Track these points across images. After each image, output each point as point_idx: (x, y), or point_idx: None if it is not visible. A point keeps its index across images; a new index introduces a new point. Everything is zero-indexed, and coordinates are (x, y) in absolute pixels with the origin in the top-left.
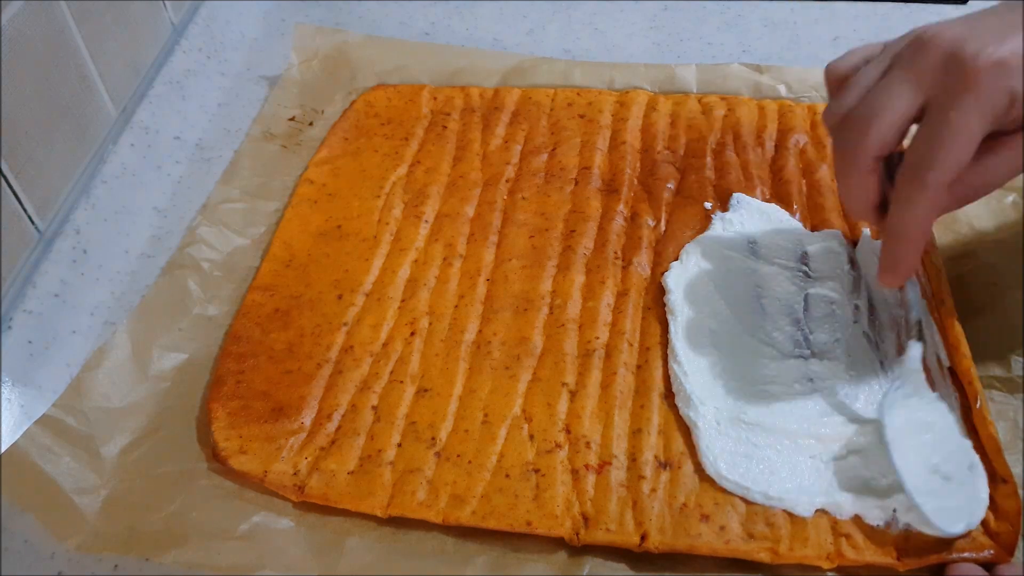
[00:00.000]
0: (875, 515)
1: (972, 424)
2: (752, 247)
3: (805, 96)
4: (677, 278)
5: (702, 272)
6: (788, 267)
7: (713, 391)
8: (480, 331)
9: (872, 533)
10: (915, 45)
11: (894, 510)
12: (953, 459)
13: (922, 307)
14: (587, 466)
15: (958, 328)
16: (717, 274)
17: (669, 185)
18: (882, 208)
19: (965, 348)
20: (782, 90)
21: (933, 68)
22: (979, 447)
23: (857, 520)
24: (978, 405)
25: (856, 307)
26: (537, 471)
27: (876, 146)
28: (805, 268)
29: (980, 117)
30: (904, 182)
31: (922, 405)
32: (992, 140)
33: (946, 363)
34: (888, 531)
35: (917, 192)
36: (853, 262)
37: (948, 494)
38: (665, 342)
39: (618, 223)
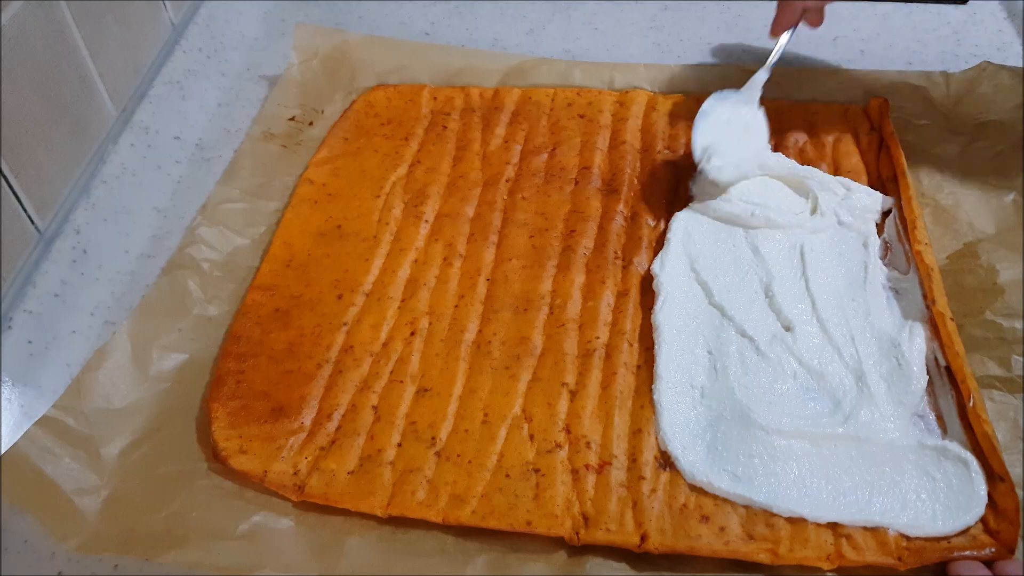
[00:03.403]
0: (873, 514)
1: (967, 422)
2: (751, 242)
3: (805, 96)
4: (672, 272)
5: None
6: (789, 264)
7: (703, 385)
8: (480, 331)
9: (872, 533)
10: None
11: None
12: (948, 456)
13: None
14: (587, 466)
15: (951, 326)
16: (719, 268)
17: (669, 185)
18: None
19: (959, 347)
20: (781, 90)
21: None
22: (975, 445)
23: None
24: (971, 403)
25: (858, 300)
26: (537, 471)
27: None
28: (802, 262)
29: None
30: None
31: None
32: None
33: (943, 362)
34: (888, 531)
35: None
36: (852, 253)
37: (946, 493)
38: None
39: (618, 223)
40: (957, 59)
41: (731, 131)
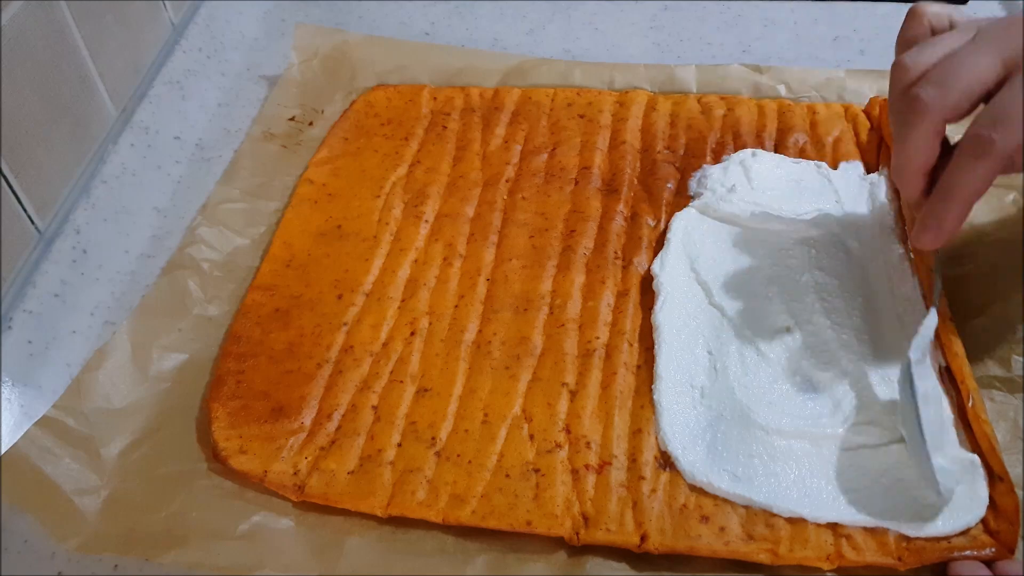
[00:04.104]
0: (873, 514)
1: (967, 422)
2: (752, 242)
3: (805, 96)
4: (672, 272)
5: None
6: (789, 264)
7: (702, 385)
8: (480, 331)
9: (872, 533)
10: (1006, 21)
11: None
12: (950, 457)
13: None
14: (587, 466)
15: (950, 327)
16: (717, 262)
17: (669, 185)
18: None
19: (958, 347)
20: (782, 90)
21: (1021, 42)
22: (975, 445)
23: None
24: (971, 403)
25: (859, 300)
26: (537, 471)
27: (952, 106)
28: (802, 262)
29: None
30: (971, 141)
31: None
32: None
33: (942, 363)
34: (888, 531)
35: (984, 150)
36: (852, 253)
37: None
38: None
39: (618, 223)
40: None
41: None
